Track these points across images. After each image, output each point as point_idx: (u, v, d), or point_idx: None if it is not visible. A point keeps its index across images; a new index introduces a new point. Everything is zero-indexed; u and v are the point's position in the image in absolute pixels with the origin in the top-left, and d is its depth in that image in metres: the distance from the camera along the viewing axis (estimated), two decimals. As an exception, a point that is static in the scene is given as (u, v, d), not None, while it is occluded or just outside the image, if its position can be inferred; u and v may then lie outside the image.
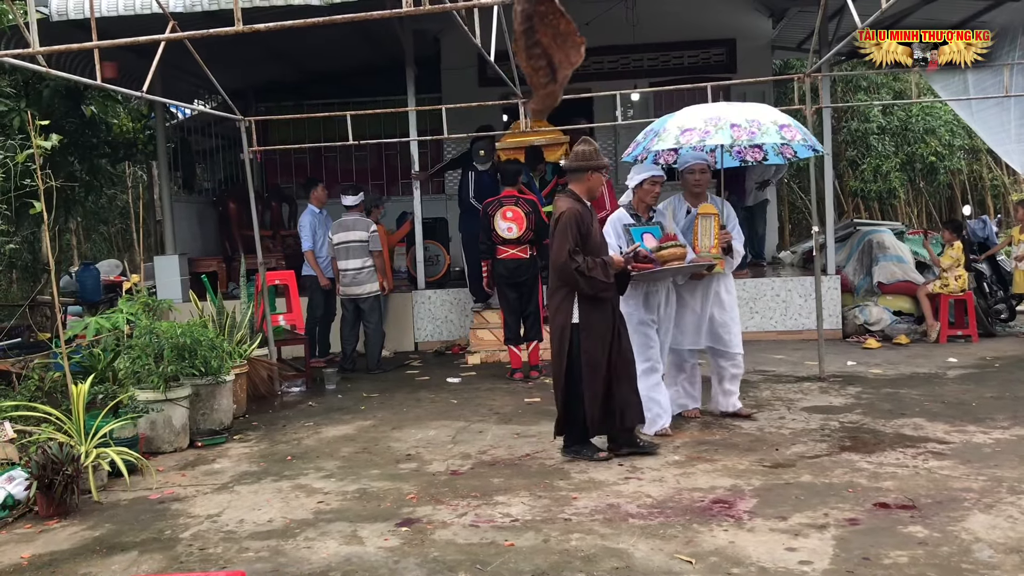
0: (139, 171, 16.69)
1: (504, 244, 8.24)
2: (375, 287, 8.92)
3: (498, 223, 8.20)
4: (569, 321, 5.46)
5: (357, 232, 8.88)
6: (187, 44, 6.32)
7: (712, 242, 6.27)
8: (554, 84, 2.04)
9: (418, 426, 6.72)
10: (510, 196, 8.31)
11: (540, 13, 1.93)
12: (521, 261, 8.25)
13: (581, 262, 5.32)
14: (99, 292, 10.98)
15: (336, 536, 4.46)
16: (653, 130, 6.42)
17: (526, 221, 8.19)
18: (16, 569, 4.23)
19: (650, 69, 12.40)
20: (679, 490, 4.94)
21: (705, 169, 6.37)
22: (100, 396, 6.03)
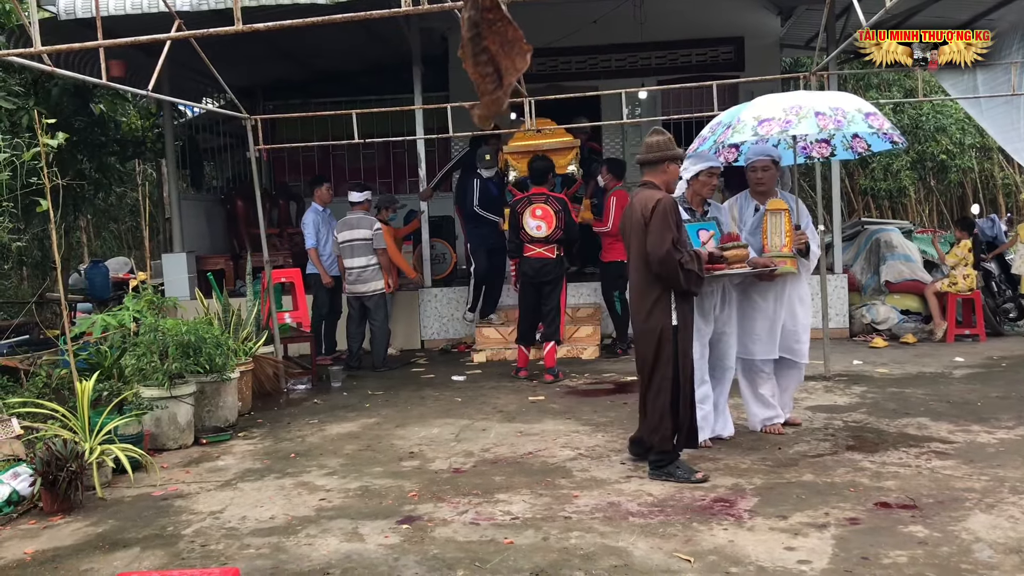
0: (148, 169, 16.77)
1: (532, 243, 8.03)
2: (379, 285, 8.93)
3: (527, 221, 8.00)
4: (669, 322, 5.03)
5: (361, 230, 8.91)
6: (193, 43, 6.34)
7: (784, 240, 5.80)
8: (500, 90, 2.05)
9: (422, 424, 6.74)
10: (540, 194, 8.12)
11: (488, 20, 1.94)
12: (547, 261, 8.03)
13: (684, 255, 4.95)
14: (108, 289, 11.03)
15: (337, 533, 4.47)
16: (723, 122, 5.90)
17: (555, 220, 7.96)
18: (19, 564, 4.26)
19: (658, 67, 12.37)
20: (680, 488, 4.94)
21: (769, 166, 5.90)
22: (105, 393, 6.06)
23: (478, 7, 1.92)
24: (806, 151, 6.55)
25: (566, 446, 5.92)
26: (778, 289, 5.87)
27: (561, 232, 7.99)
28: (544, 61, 11.96)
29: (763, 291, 5.87)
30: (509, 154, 9.63)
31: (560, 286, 8.18)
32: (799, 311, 5.94)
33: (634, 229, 5.11)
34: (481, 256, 9.60)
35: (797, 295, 5.94)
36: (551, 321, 8.16)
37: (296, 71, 12.88)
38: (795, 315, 5.93)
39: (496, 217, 9.47)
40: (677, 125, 12.38)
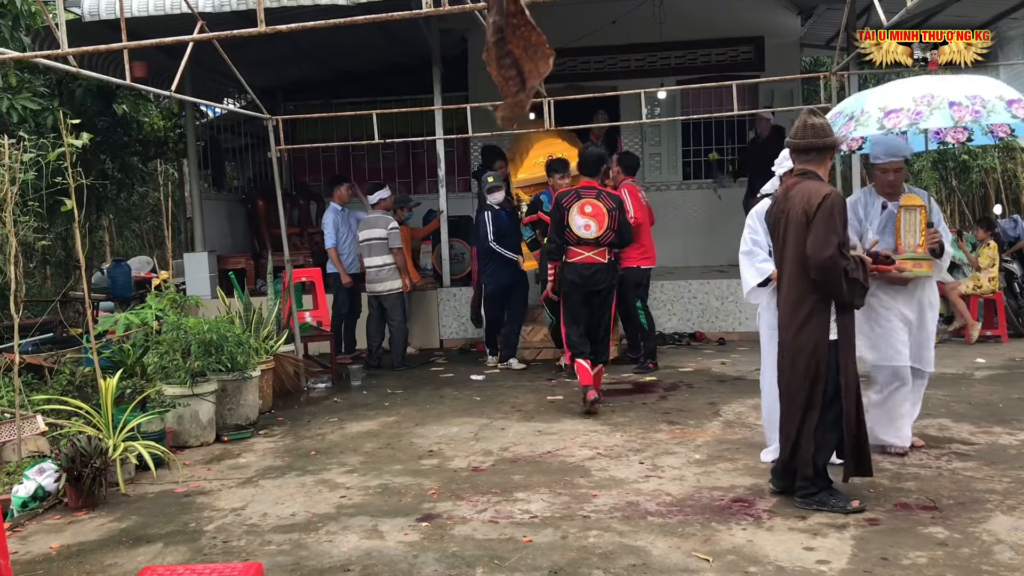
0: (170, 169, 16.91)
1: (579, 244, 6.88)
2: (396, 284, 8.98)
3: (574, 219, 6.84)
4: (825, 337, 4.46)
5: (378, 230, 8.99)
6: (215, 44, 6.41)
7: (918, 240, 5.27)
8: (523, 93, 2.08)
9: (441, 423, 6.77)
10: (590, 188, 6.96)
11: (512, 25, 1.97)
12: (598, 266, 6.86)
13: (850, 261, 4.38)
14: (130, 288, 11.14)
15: (357, 530, 4.51)
16: (845, 112, 5.39)
17: (607, 218, 6.82)
18: (45, 559, 4.33)
19: (677, 67, 12.34)
20: (699, 488, 4.95)
21: (901, 167, 5.42)
22: (128, 391, 6.13)
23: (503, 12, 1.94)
24: (939, 137, 5.92)
25: (584, 445, 5.93)
26: (907, 292, 5.33)
27: (613, 234, 6.87)
28: (563, 61, 11.96)
29: (892, 294, 5.33)
30: (519, 188, 9.09)
31: (613, 296, 7.15)
32: (928, 316, 5.40)
33: (791, 227, 4.50)
34: (496, 302, 8.92)
35: (928, 299, 5.40)
36: (604, 338, 7.07)
37: (316, 72, 12.96)
38: (924, 321, 5.38)
39: (513, 255, 8.75)
40: (696, 125, 12.38)
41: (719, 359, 8.81)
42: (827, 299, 4.44)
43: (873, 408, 5.32)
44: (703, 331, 9.95)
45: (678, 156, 12.49)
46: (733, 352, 9.18)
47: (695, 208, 12.31)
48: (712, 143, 12.57)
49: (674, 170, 12.46)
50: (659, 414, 6.70)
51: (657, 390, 7.47)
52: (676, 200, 12.28)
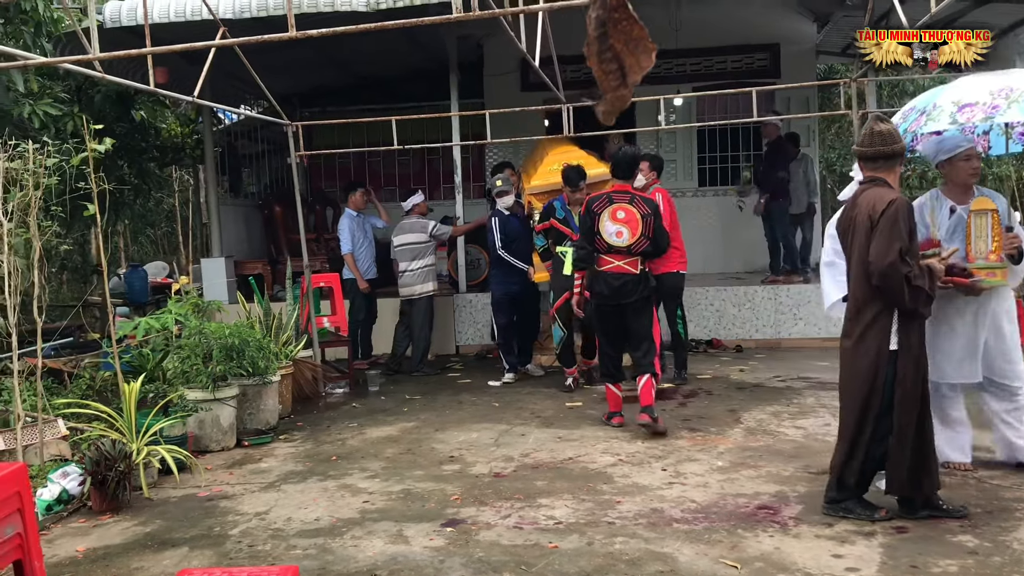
0: (185, 175, 16.97)
1: (609, 253, 6.45)
2: (428, 287, 8.99)
3: (604, 224, 6.42)
4: (886, 347, 4.34)
5: (415, 235, 9.00)
6: (237, 50, 6.44)
7: (990, 245, 4.97)
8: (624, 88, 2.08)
9: (461, 428, 6.76)
10: (623, 192, 6.53)
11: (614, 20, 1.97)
12: (628, 277, 6.41)
13: (913, 268, 4.25)
14: (146, 294, 11.18)
15: (382, 535, 4.51)
16: (917, 108, 5.14)
17: (642, 225, 6.38)
18: (72, 561, 4.33)
19: (693, 74, 12.33)
20: (723, 496, 4.93)
21: (978, 154, 5.14)
22: (151, 395, 6.15)
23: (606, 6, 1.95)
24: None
25: (606, 452, 5.91)
26: (980, 302, 4.99)
27: (647, 242, 6.42)
28: (579, 68, 11.95)
29: (960, 305, 5.01)
30: (532, 195, 8.73)
31: (650, 308, 6.68)
32: (1005, 327, 5.03)
33: (857, 234, 4.41)
34: (504, 310, 8.58)
35: (1003, 309, 5.04)
36: (645, 350, 6.54)
37: (333, 78, 12.99)
38: (1001, 332, 5.01)
39: (523, 265, 8.42)
40: (712, 132, 12.37)
41: (737, 366, 8.79)
42: (890, 307, 4.34)
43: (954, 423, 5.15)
44: (720, 338, 9.92)
45: (694, 163, 12.48)
46: (751, 359, 9.14)
47: (711, 214, 12.30)
48: (728, 149, 12.56)
49: (690, 177, 12.45)
50: (679, 421, 6.68)
51: (676, 397, 7.45)
52: (692, 206, 12.25)
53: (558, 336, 8.05)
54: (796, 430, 6.29)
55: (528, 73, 12.22)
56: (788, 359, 9.07)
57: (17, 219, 5.50)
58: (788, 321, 9.89)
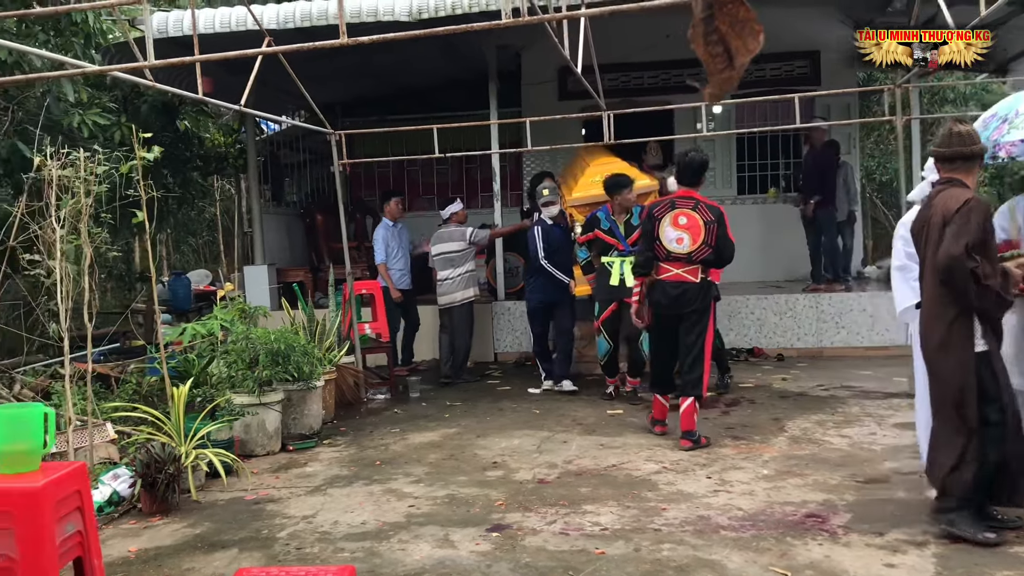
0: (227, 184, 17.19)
1: (668, 260, 6.23)
2: (469, 294, 8.97)
3: (665, 231, 6.19)
4: (970, 348, 4.18)
5: (453, 243, 8.97)
6: (282, 59, 6.53)
7: None
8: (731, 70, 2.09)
9: (502, 435, 6.77)
10: (687, 198, 6.28)
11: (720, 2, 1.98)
12: (687, 286, 6.17)
13: (981, 265, 4.09)
14: (189, 301, 11.34)
15: (428, 539, 4.52)
16: (998, 115, 5.01)
17: (703, 233, 6.14)
18: (124, 561, 4.40)
19: (732, 81, 12.30)
20: (770, 503, 4.89)
21: None
22: (198, 399, 6.22)
23: None
24: None
25: (649, 459, 5.89)
26: None
27: (709, 250, 6.16)
28: (616, 76, 11.99)
29: None
30: (574, 207, 8.63)
31: (706, 320, 6.26)
32: None
33: (931, 234, 4.27)
34: (539, 319, 8.57)
35: None
36: (691, 367, 6.20)
37: (372, 88, 13.11)
38: None
39: (565, 277, 8.33)
40: (751, 139, 12.31)
41: (779, 375, 8.72)
42: (970, 308, 4.18)
43: None
44: (761, 347, 9.85)
45: (732, 170, 12.43)
46: (793, 368, 9.07)
47: (750, 222, 12.20)
48: (767, 157, 12.49)
49: (729, 184, 12.39)
50: (723, 429, 6.64)
51: (719, 405, 7.40)
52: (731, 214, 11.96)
53: (603, 348, 7.93)
54: (841, 439, 6.23)
55: (566, 82, 12.25)
56: (830, 368, 8.98)
57: (69, 226, 5.60)
58: (830, 330, 9.80)
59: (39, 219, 5.54)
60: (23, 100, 7.70)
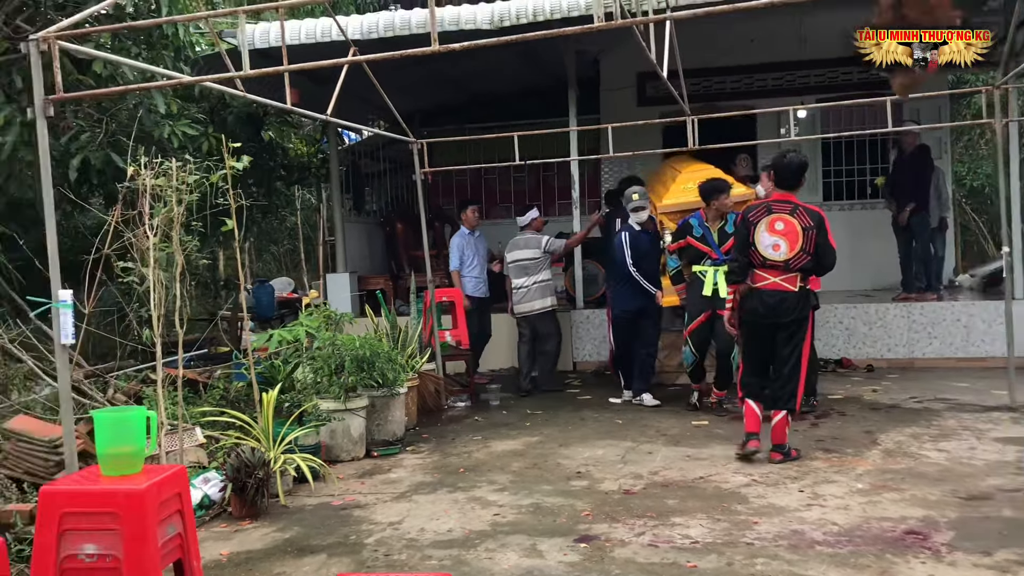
0: (307, 194, 17.49)
1: (764, 267, 5.93)
2: (547, 303, 8.91)
3: (760, 236, 5.90)
4: None
5: (529, 251, 8.92)
6: (366, 68, 6.59)
7: None
8: None
9: (585, 444, 6.70)
10: (784, 202, 5.98)
11: None
12: (785, 295, 5.87)
13: None
14: (273, 308, 11.53)
15: (516, 548, 4.48)
16: None
17: (802, 239, 5.83)
18: (216, 565, 4.46)
19: (817, 85, 12.01)
20: (866, 519, 4.73)
21: None
22: (286, 404, 6.30)
23: None
24: None
25: (738, 472, 5.76)
26: None
27: (808, 257, 5.85)
28: (698, 81, 11.83)
29: None
30: (664, 214, 8.29)
31: (804, 331, 5.96)
32: None
33: None
34: (622, 329, 8.34)
35: None
36: (786, 379, 5.94)
37: (450, 97, 13.20)
38: None
39: (652, 287, 8.09)
40: (837, 144, 12.03)
41: (869, 386, 8.46)
42: None
43: None
44: (849, 357, 9.58)
45: (818, 176, 12.13)
46: (883, 379, 8.79)
47: (836, 229, 11.82)
48: (854, 163, 12.17)
49: (814, 191, 12.08)
50: (812, 441, 6.45)
51: (808, 417, 7.20)
52: (816, 221, 11.90)
53: (688, 359, 7.73)
54: (939, 453, 6.00)
55: (645, 87, 12.14)
56: (923, 379, 8.68)
57: (161, 234, 5.73)
58: (922, 340, 9.48)
59: (132, 227, 5.67)
60: (116, 112, 7.92)
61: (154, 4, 7.81)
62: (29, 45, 4.33)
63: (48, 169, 4.43)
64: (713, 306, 7.29)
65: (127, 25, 7.15)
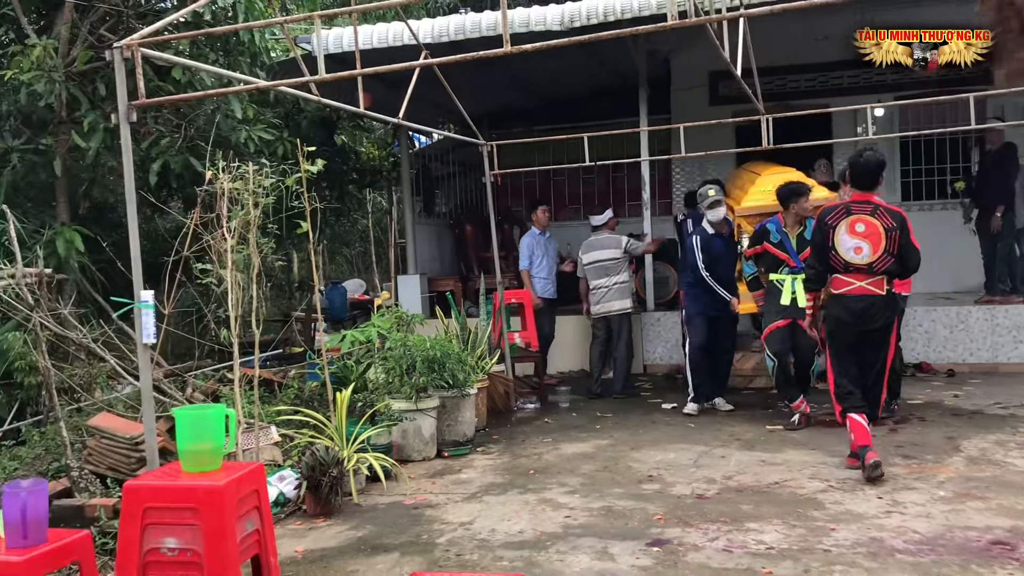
0: (379, 196, 17.71)
1: (847, 272, 5.68)
2: (625, 305, 8.84)
3: (840, 239, 5.65)
4: None
5: (609, 251, 8.84)
6: (437, 72, 6.64)
7: None
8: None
9: (656, 448, 6.64)
10: (864, 202, 5.71)
11: None
12: (871, 300, 5.59)
13: None
14: (345, 309, 11.69)
15: (587, 551, 4.46)
16: None
17: (884, 241, 5.55)
18: (292, 561, 4.53)
19: (894, 83, 11.70)
20: (949, 527, 4.58)
21: None
22: (359, 404, 6.38)
23: None
24: None
25: (814, 477, 5.64)
26: None
27: (892, 259, 5.59)
28: (771, 80, 11.62)
29: None
30: (743, 217, 7.92)
31: (891, 336, 5.76)
32: None
33: None
34: (699, 325, 7.88)
35: None
36: (871, 386, 5.75)
37: (518, 99, 13.22)
38: None
39: (727, 293, 7.77)
40: (916, 143, 11.71)
41: (950, 391, 8.21)
42: None
43: None
44: (929, 362, 9.31)
45: (896, 176, 11.81)
46: (965, 384, 8.52)
47: (915, 230, 11.57)
48: (934, 162, 11.84)
49: (892, 190, 11.76)
50: (892, 447, 6.28)
51: (886, 423, 7.00)
52: (893, 222, 11.59)
53: (769, 366, 7.17)
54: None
55: (717, 86, 11.99)
56: (1008, 384, 8.39)
57: (238, 236, 5.85)
58: (1007, 344, 9.16)
59: (210, 230, 5.80)
60: (194, 118, 8.12)
61: (230, 11, 8.00)
62: (113, 53, 4.45)
63: (131, 173, 4.54)
64: (793, 315, 6.91)
65: (205, 32, 7.32)
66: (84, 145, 7.36)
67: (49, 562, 3.09)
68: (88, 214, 9.66)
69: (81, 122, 7.45)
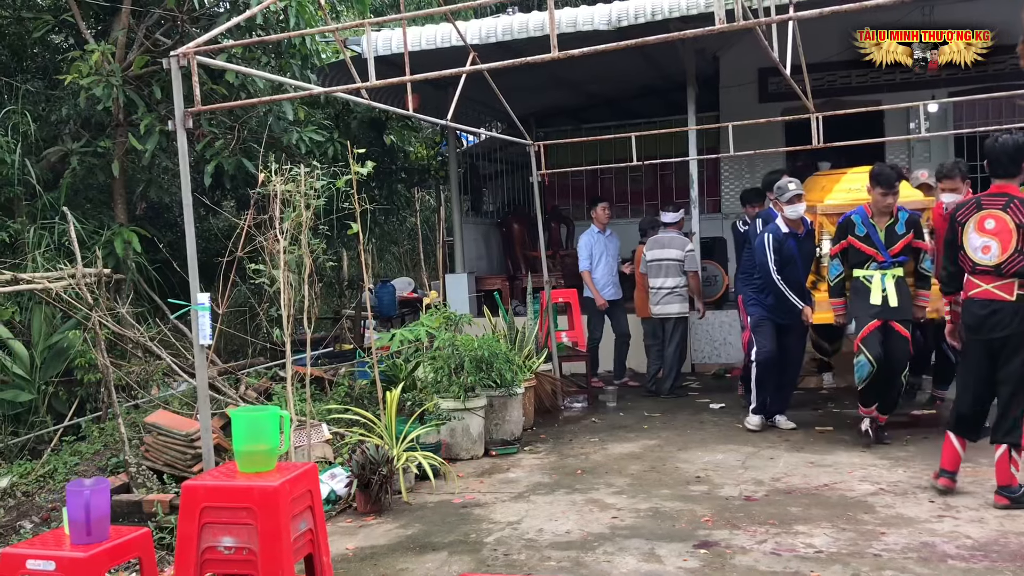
0: (427, 195, 17.83)
1: (975, 274, 5.05)
2: (684, 308, 8.71)
3: (969, 237, 5.05)
4: None
5: (672, 250, 8.68)
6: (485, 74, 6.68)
7: None
8: None
9: (704, 449, 6.63)
10: (998, 195, 5.03)
11: None
12: (998, 305, 4.93)
13: None
14: (394, 308, 11.79)
15: (634, 552, 4.48)
16: None
17: (1016, 238, 4.89)
18: (343, 559, 4.62)
19: (948, 78, 11.49)
20: (1004, 533, 4.52)
21: None
22: (408, 403, 6.47)
23: None
24: None
25: (864, 480, 5.59)
26: None
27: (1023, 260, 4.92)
28: (822, 76, 11.50)
29: None
30: (824, 215, 7.16)
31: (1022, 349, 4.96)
32: None
33: None
34: (767, 333, 7.13)
35: None
36: (1006, 405, 5.02)
37: (565, 98, 13.23)
38: None
39: (799, 302, 6.92)
40: (970, 140, 11.49)
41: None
42: None
43: None
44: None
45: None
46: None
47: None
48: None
49: (948, 188, 11.60)
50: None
51: (939, 424, 6.91)
52: (948, 220, 11.39)
53: (864, 370, 6.18)
54: (1084, 466, 5.67)
55: (766, 84, 11.89)
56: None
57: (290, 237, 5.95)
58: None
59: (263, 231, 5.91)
60: (247, 120, 8.27)
61: (282, 15, 8.13)
62: (170, 61, 4.57)
63: (187, 176, 4.66)
64: (887, 316, 6.21)
65: (259, 40, 7.47)
66: (141, 147, 7.54)
67: (111, 558, 3.20)
68: (144, 214, 9.91)
69: (138, 125, 7.64)
